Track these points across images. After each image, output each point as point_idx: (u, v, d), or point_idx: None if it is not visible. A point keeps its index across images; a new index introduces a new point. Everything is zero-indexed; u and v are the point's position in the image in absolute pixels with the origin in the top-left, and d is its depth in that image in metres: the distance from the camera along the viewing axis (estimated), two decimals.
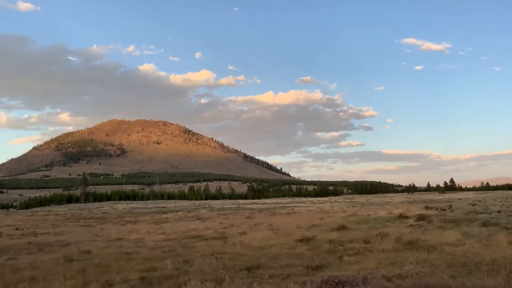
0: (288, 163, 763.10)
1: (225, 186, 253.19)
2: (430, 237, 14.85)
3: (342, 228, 21.40)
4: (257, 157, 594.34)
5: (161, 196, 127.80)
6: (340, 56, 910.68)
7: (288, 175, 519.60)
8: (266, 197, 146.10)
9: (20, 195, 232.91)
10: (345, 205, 60.10)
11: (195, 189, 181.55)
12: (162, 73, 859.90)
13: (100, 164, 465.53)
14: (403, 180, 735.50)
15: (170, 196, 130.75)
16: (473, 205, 31.00)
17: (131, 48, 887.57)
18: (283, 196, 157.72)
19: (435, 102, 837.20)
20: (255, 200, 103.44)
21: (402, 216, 24.66)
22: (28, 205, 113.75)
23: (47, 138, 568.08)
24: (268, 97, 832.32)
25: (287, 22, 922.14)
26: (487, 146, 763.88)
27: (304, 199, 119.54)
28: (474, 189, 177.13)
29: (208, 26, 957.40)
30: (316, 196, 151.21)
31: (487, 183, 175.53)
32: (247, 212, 50.39)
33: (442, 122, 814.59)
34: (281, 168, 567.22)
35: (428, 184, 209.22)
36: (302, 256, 12.84)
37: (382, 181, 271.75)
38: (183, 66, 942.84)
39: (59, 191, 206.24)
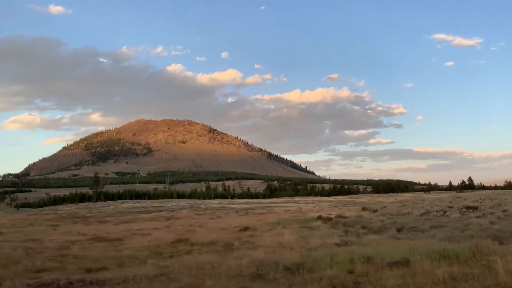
0: (316, 162, 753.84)
1: (245, 184, 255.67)
2: (275, 239, 15.13)
3: (244, 229, 21.90)
4: (282, 156, 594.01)
5: (171, 195, 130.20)
6: (368, 53, 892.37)
7: (313, 173, 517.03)
8: (277, 196, 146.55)
9: (47, 194, 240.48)
10: (329, 205, 59.82)
11: (212, 187, 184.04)
12: (189, 73, 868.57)
13: (127, 163, 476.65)
14: (435, 178, 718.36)
15: (180, 195, 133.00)
16: (404, 206, 30.57)
17: (159, 49, 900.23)
18: (296, 195, 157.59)
19: (466, 99, 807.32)
20: (250, 200, 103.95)
21: (320, 218, 24.77)
22: (43, 204, 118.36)
23: (78, 138, 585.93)
24: (295, 96, 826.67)
25: (314, 19, 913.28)
26: None
27: (310, 198, 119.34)
28: (495, 187, 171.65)
29: (234, 25, 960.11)
30: (329, 195, 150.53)
31: (510, 182, 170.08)
32: (223, 212, 50.94)
33: (474, 119, 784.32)
34: (306, 166, 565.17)
35: (450, 183, 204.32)
36: (119, 259, 13.42)
37: (410, 180, 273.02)
38: (210, 65, 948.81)
39: (86, 190, 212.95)
